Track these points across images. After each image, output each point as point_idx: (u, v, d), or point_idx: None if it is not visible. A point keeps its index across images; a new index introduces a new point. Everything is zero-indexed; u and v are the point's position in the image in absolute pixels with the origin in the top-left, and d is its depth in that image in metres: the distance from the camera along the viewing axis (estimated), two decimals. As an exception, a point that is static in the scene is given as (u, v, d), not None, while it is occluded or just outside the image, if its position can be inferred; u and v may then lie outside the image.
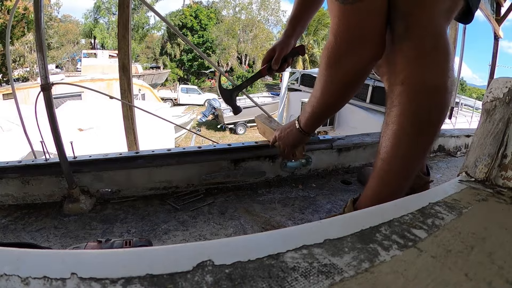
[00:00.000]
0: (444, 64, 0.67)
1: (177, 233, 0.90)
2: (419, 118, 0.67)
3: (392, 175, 0.71)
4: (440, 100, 0.67)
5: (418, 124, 0.67)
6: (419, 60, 0.67)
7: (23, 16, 14.25)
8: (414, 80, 0.67)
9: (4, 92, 9.86)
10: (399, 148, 0.69)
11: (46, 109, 0.93)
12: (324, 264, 0.30)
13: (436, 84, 0.66)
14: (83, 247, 0.68)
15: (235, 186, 1.16)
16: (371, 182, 0.75)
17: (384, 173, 0.71)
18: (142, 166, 1.07)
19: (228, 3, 25.80)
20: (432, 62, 0.67)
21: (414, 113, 0.67)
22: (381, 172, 0.72)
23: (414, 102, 0.67)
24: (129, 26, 1.77)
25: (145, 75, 18.53)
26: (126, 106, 1.95)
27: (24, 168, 1.00)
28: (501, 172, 0.48)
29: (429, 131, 0.69)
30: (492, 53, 3.59)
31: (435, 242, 0.35)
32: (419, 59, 0.67)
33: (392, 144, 0.70)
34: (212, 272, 0.28)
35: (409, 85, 0.67)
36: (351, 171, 1.34)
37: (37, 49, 0.87)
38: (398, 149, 0.69)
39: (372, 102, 5.92)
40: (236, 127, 13.38)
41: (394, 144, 0.69)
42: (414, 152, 0.70)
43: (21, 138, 1.60)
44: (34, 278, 0.26)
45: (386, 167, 0.71)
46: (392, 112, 0.70)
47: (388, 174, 0.71)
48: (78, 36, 25.76)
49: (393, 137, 0.69)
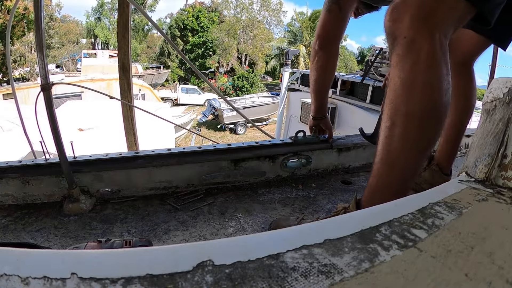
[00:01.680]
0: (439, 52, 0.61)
1: (177, 233, 0.90)
2: (403, 111, 0.61)
3: (387, 170, 0.67)
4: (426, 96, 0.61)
5: (404, 117, 0.62)
6: (417, 52, 0.61)
7: (23, 16, 14.25)
8: (402, 77, 0.61)
9: (4, 92, 9.87)
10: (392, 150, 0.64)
11: (46, 109, 0.93)
12: (324, 264, 0.30)
13: (424, 79, 0.61)
14: (83, 247, 0.68)
15: (235, 186, 1.16)
16: (371, 180, 0.73)
17: (383, 171, 0.69)
18: (142, 166, 1.07)
19: (229, 3, 25.83)
20: (431, 56, 0.60)
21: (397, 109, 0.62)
22: (380, 170, 0.70)
23: (398, 97, 0.61)
24: (129, 26, 1.77)
25: (145, 75, 18.53)
26: (126, 106, 1.95)
27: (24, 168, 1.00)
28: (501, 172, 0.48)
29: (417, 124, 0.63)
30: (492, 53, 3.59)
31: (435, 242, 0.35)
32: (416, 52, 0.61)
33: (383, 142, 0.65)
34: (212, 272, 0.28)
35: (404, 71, 0.61)
36: (351, 171, 1.34)
37: (37, 49, 0.87)
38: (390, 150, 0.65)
39: (372, 102, 5.92)
40: (236, 127, 13.37)
41: (385, 142, 0.65)
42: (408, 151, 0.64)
43: (21, 138, 1.60)
44: (34, 278, 0.26)
45: (382, 165, 0.67)
46: (387, 101, 0.65)
47: (387, 173, 0.68)
48: (78, 36, 25.78)
49: (384, 136, 0.65)
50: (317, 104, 1.30)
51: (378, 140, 0.69)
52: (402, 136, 0.63)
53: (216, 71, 25.05)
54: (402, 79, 0.61)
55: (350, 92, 6.62)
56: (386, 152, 0.65)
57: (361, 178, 1.30)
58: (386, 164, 0.66)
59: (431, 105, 0.61)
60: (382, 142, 0.66)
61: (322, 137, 1.29)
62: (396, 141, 0.63)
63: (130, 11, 1.78)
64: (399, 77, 0.62)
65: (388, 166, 0.67)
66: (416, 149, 0.64)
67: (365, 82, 6.10)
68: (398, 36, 0.62)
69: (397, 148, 0.63)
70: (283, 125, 8.05)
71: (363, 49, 33.84)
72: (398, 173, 0.67)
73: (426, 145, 0.65)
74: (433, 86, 0.60)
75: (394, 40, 0.63)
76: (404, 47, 0.61)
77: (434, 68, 0.60)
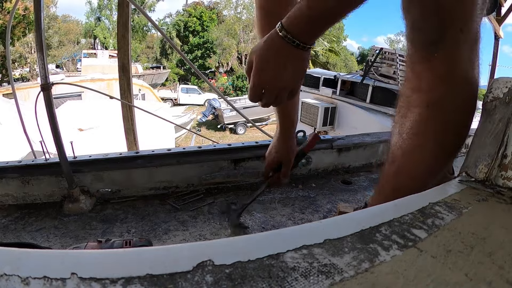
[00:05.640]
0: (476, 83, 0.56)
1: (177, 233, 0.90)
2: (445, 145, 0.59)
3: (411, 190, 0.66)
4: (467, 120, 0.58)
5: (443, 149, 0.60)
6: (453, 77, 0.55)
7: (23, 17, 14.25)
8: (443, 107, 0.56)
9: (4, 92, 9.86)
10: (423, 166, 0.62)
11: (46, 109, 0.93)
12: (324, 264, 0.30)
13: (465, 107, 0.57)
14: (83, 247, 0.68)
15: (235, 186, 1.16)
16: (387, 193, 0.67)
17: (404, 188, 0.63)
18: (142, 166, 1.07)
19: (229, 2, 25.81)
20: (465, 82, 0.56)
21: (441, 143, 0.59)
22: (401, 186, 0.64)
23: (441, 132, 0.58)
24: (129, 26, 1.77)
25: (145, 75, 18.52)
26: (126, 106, 1.95)
27: (24, 168, 1.00)
28: (501, 172, 0.48)
29: (454, 150, 0.61)
30: (492, 53, 3.59)
31: (435, 242, 0.35)
32: (452, 76, 0.55)
33: (414, 162, 0.62)
34: (212, 272, 0.28)
35: (436, 111, 0.57)
36: (351, 171, 1.34)
37: (37, 49, 0.87)
38: (421, 167, 0.62)
39: (372, 102, 5.93)
40: (236, 127, 13.37)
41: (417, 163, 0.62)
42: (436, 169, 0.63)
43: (21, 138, 1.61)
44: (34, 278, 0.26)
45: (407, 182, 0.63)
46: (411, 130, 0.60)
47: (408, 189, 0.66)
48: (79, 36, 25.77)
49: (416, 156, 0.61)
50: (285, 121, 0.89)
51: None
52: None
53: (216, 71, 25.05)
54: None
55: (350, 92, 6.63)
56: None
57: (361, 178, 1.30)
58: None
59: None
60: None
61: (322, 137, 1.29)
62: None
63: (130, 11, 1.78)
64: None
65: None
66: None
67: (365, 82, 6.10)
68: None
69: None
70: (283, 125, 8.03)
71: (363, 49, 33.84)
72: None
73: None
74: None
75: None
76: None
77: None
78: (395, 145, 0.64)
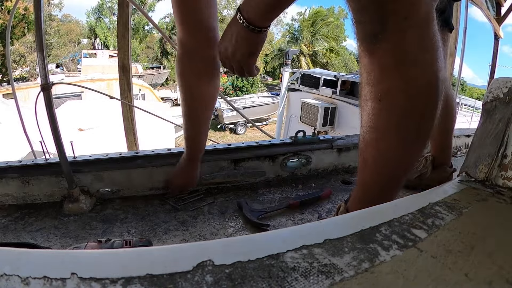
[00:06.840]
0: (432, 67, 0.54)
1: (177, 233, 0.90)
2: (404, 137, 0.58)
3: (380, 186, 0.64)
4: (432, 102, 0.56)
5: (404, 138, 0.58)
6: (399, 67, 0.54)
7: (23, 17, 14.24)
8: (394, 97, 0.55)
9: (4, 92, 9.86)
10: (385, 166, 0.62)
11: (46, 109, 0.93)
12: (324, 264, 0.30)
13: (425, 91, 0.55)
14: (83, 247, 0.68)
15: (235, 186, 1.16)
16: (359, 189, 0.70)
17: (373, 183, 0.65)
18: (142, 166, 1.07)
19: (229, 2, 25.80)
20: (416, 68, 0.54)
21: (397, 135, 0.58)
22: (369, 181, 0.66)
23: (395, 125, 0.57)
24: (129, 26, 1.77)
25: (145, 75, 18.51)
26: (126, 106, 1.95)
27: (24, 168, 1.00)
28: (501, 172, 0.48)
29: (417, 145, 0.60)
30: (492, 53, 3.59)
31: (435, 242, 0.35)
32: (399, 66, 0.54)
33: (375, 155, 0.62)
34: (212, 272, 0.28)
35: (388, 103, 0.56)
36: (351, 171, 1.34)
37: (37, 49, 0.87)
38: (384, 166, 0.62)
39: (372, 102, 5.91)
40: (236, 127, 13.38)
41: (379, 160, 0.62)
42: (400, 165, 0.62)
43: (21, 138, 1.61)
44: (34, 278, 0.26)
45: (373, 176, 0.64)
46: (368, 123, 0.60)
47: (376, 185, 0.65)
48: (79, 35, 25.76)
49: (377, 154, 0.62)
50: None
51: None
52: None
53: (216, 71, 24.99)
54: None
55: (350, 92, 6.63)
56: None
57: (361, 178, 1.30)
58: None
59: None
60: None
61: (322, 137, 1.29)
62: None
63: (130, 11, 1.78)
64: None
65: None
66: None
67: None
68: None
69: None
70: (283, 125, 8.06)
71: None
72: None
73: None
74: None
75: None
76: None
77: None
78: (360, 137, 0.65)
